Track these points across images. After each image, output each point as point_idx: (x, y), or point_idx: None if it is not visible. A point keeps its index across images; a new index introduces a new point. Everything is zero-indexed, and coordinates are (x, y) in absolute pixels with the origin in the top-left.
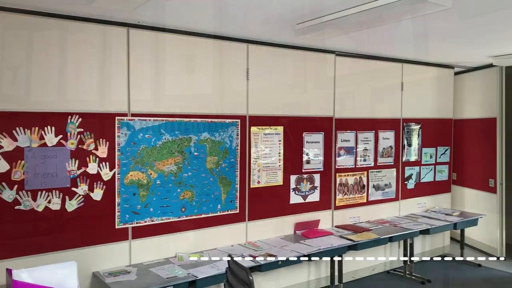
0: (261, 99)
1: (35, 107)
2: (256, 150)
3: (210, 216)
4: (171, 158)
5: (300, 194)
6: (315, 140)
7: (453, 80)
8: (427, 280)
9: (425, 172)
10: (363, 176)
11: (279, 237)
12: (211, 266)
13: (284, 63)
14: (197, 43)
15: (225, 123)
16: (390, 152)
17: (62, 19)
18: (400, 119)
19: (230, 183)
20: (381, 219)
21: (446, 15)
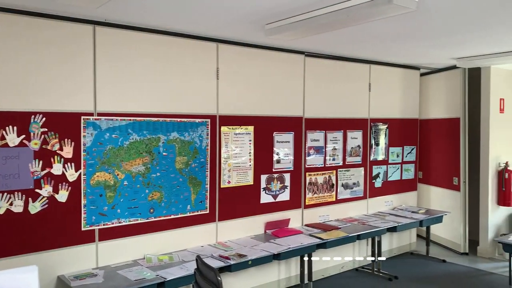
0: (232, 98)
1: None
2: (227, 150)
3: (179, 217)
4: (139, 159)
5: (271, 193)
6: (285, 139)
7: (419, 81)
8: (394, 276)
9: (392, 171)
10: (332, 175)
11: (249, 237)
12: (180, 267)
13: (255, 63)
14: (166, 41)
15: (195, 123)
16: (358, 151)
17: (25, 15)
18: (367, 119)
19: (200, 183)
20: (350, 217)
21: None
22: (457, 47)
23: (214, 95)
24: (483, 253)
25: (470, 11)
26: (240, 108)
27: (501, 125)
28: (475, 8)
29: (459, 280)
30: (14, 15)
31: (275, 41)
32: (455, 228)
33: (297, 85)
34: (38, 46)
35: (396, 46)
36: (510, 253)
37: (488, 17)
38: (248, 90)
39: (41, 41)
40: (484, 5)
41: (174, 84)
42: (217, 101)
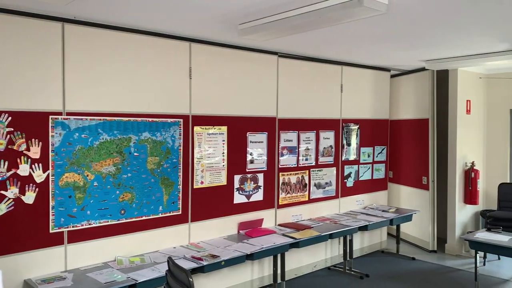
0: (205, 98)
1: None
2: (200, 150)
3: (151, 218)
4: (110, 159)
5: (244, 193)
6: (258, 140)
7: (389, 82)
8: (365, 274)
9: (363, 171)
10: (305, 175)
11: (222, 237)
12: (151, 269)
13: (228, 63)
14: (138, 40)
15: (167, 123)
16: (330, 151)
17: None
18: (339, 119)
19: (172, 184)
20: (322, 217)
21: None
22: (425, 50)
23: (187, 94)
24: (450, 251)
25: (437, 15)
26: (213, 108)
27: (468, 126)
28: (442, 12)
29: (428, 277)
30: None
31: (249, 41)
32: (424, 226)
33: (271, 85)
34: (3, 43)
35: (367, 48)
36: (476, 250)
37: (455, 21)
38: (221, 90)
39: (7, 38)
40: (451, 10)
41: (146, 83)
42: (190, 101)
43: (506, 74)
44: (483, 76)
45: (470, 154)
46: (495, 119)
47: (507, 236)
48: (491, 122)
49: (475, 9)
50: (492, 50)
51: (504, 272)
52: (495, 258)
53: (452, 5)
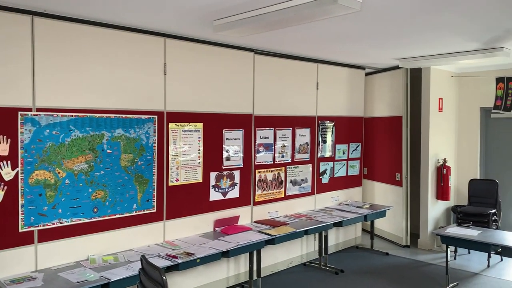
0: (180, 95)
1: None
2: (175, 147)
3: (125, 216)
4: (82, 156)
5: (220, 191)
6: (235, 137)
7: (364, 80)
8: (340, 270)
9: (339, 167)
10: (281, 172)
11: (198, 235)
12: (125, 267)
13: (204, 59)
14: (111, 35)
15: (141, 119)
16: (306, 148)
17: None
18: (315, 116)
19: (146, 182)
20: (298, 213)
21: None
22: (399, 48)
23: (162, 91)
24: (423, 246)
25: (410, 14)
26: (189, 105)
27: (440, 123)
28: (415, 12)
29: (401, 271)
30: None
31: (225, 38)
32: (397, 222)
33: (247, 82)
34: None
35: (342, 46)
36: (447, 245)
37: (427, 21)
38: (197, 87)
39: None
40: (424, 9)
41: (119, 79)
42: (165, 97)
43: (477, 73)
44: (454, 74)
45: (442, 151)
46: (466, 117)
47: (477, 231)
48: (462, 119)
49: (446, 9)
50: (463, 49)
51: (474, 265)
52: (466, 252)
53: (424, 5)
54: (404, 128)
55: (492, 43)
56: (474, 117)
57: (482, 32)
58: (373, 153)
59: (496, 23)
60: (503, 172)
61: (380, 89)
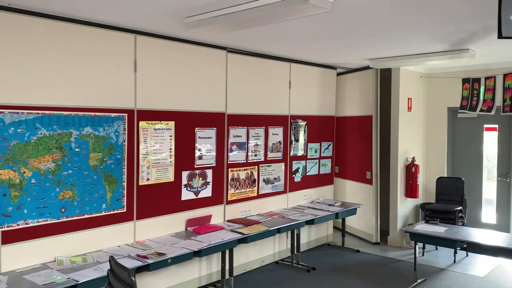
0: (151, 92)
1: None
2: (146, 146)
3: (94, 216)
4: (48, 155)
5: (192, 190)
6: (207, 135)
7: (336, 80)
8: (312, 267)
9: (311, 166)
10: (254, 170)
11: (169, 235)
12: (94, 269)
13: (176, 57)
14: (80, 31)
15: (111, 117)
16: (279, 147)
17: None
18: (288, 115)
19: (116, 181)
20: (271, 212)
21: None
22: (369, 49)
23: (132, 88)
24: (392, 242)
25: (380, 15)
26: (160, 103)
27: (409, 122)
28: (384, 13)
29: (371, 268)
30: None
31: (197, 35)
32: (367, 219)
33: (220, 80)
34: None
35: (314, 46)
36: (415, 241)
37: (397, 22)
38: (168, 85)
39: None
40: (394, 11)
41: (88, 76)
42: (135, 95)
43: (444, 74)
44: (423, 75)
45: (411, 149)
46: (434, 116)
47: (443, 228)
48: (430, 119)
49: (415, 11)
50: (431, 51)
51: (441, 261)
52: (433, 249)
53: (394, 6)
54: (374, 127)
55: (459, 44)
56: (441, 117)
57: (449, 34)
58: (344, 152)
59: (462, 26)
60: (468, 170)
61: (351, 88)
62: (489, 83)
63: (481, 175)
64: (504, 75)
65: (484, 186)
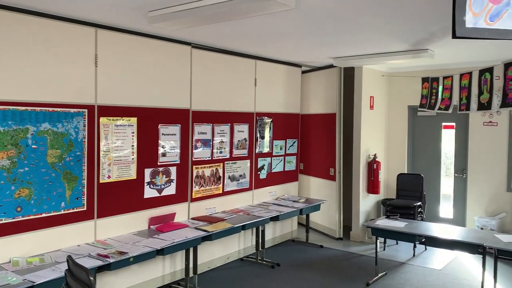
0: (112, 88)
1: None
2: (107, 143)
3: (52, 215)
4: (3, 152)
5: (155, 187)
6: (171, 132)
7: (300, 78)
8: (276, 263)
9: (276, 163)
10: (219, 167)
11: (132, 233)
12: (52, 269)
13: (139, 52)
14: (37, 23)
15: (70, 113)
16: (244, 144)
17: None
18: (253, 113)
19: (76, 179)
20: (236, 209)
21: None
22: (333, 47)
23: (92, 83)
24: (355, 238)
25: (342, 15)
26: (121, 98)
27: (371, 120)
28: (346, 12)
29: (334, 263)
30: None
31: (161, 30)
32: (331, 215)
33: (184, 76)
34: None
35: (278, 43)
36: (377, 236)
37: (358, 21)
38: (131, 80)
39: None
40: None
41: (46, 70)
42: (96, 90)
43: (406, 73)
44: (385, 74)
45: (373, 146)
46: (395, 114)
47: (403, 223)
48: (391, 117)
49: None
50: (392, 50)
51: (401, 255)
52: (394, 243)
53: (354, 6)
54: (338, 125)
55: (418, 45)
56: (402, 115)
57: (409, 34)
58: (309, 149)
59: (421, 26)
60: (427, 167)
61: (316, 86)
62: (446, 82)
63: (439, 172)
64: (461, 75)
65: (442, 182)
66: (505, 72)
